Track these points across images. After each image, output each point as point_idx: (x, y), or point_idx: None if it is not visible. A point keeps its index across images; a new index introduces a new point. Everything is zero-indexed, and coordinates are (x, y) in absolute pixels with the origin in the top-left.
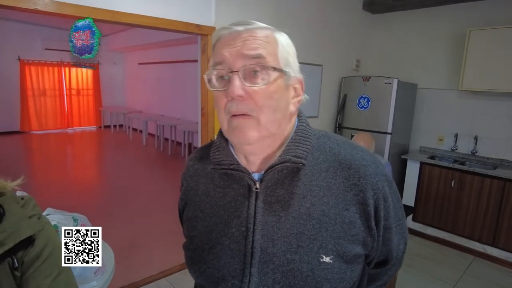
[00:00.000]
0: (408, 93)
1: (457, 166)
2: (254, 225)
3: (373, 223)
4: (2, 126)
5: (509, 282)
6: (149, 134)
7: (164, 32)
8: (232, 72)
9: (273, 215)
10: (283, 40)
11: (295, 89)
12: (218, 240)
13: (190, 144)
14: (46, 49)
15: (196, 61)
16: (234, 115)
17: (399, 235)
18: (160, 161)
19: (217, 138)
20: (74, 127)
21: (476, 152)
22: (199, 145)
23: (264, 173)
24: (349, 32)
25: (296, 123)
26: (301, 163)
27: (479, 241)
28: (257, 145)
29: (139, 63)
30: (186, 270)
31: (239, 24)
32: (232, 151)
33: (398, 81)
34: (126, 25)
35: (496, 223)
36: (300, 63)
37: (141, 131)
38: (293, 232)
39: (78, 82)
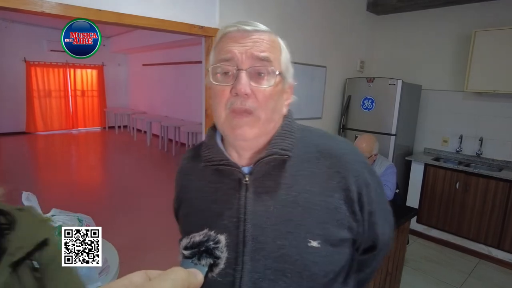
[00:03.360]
0: (412, 94)
1: (462, 168)
2: (245, 215)
3: (357, 208)
4: (8, 126)
5: None
6: (153, 135)
7: (168, 33)
8: (239, 69)
9: (262, 205)
10: (285, 47)
11: (286, 92)
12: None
13: (193, 145)
14: (51, 50)
15: (200, 62)
16: (234, 113)
17: (383, 219)
18: (164, 162)
19: (206, 137)
20: (79, 128)
21: (481, 153)
22: None
23: (253, 166)
24: (353, 33)
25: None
26: (287, 155)
27: (484, 243)
28: (252, 142)
29: (143, 65)
30: None
31: (245, 23)
32: (222, 148)
33: (403, 82)
34: (131, 27)
35: (501, 225)
36: (304, 64)
37: (145, 132)
38: (281, 220)
39: (83, 83)
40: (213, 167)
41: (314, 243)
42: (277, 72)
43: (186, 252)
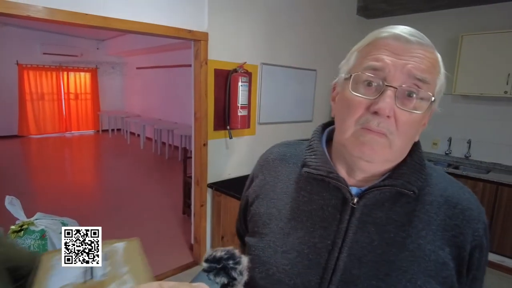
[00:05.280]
0: None
1: (451, 170)
2: (343, 242)
3: (464, 270)
4: (0, 130)
5: (503, 286)
6: (147, 138)
7: (161, 36)
8: (388, 85)
9: (366, 237)
10: (443, 67)
11: (426, 117)
12: (296, 246)
13: (185, 148)
14: (44, 53)
15: None
16: (366, 131)
17: None
18: (158, 165)
19: (313, 141)
20: (72, 131)
21: (470, 156)
22: (193, 149)
23: (366, 190)
24: (344, 37)
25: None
26: (412, 191)
27: None
28: (376, 165)
29: (137, 68)
30: (181, 274)
31: (407, 31)
32: (329, 158)
33: None
34: (118, 31)
35: (489, 227)
36: (294, 68)
37: (139, 135)
38: (383, 259)
39: (76, 86)
40: (318, 176)
41: None
42: (432, 99)
43: (205, 265)
